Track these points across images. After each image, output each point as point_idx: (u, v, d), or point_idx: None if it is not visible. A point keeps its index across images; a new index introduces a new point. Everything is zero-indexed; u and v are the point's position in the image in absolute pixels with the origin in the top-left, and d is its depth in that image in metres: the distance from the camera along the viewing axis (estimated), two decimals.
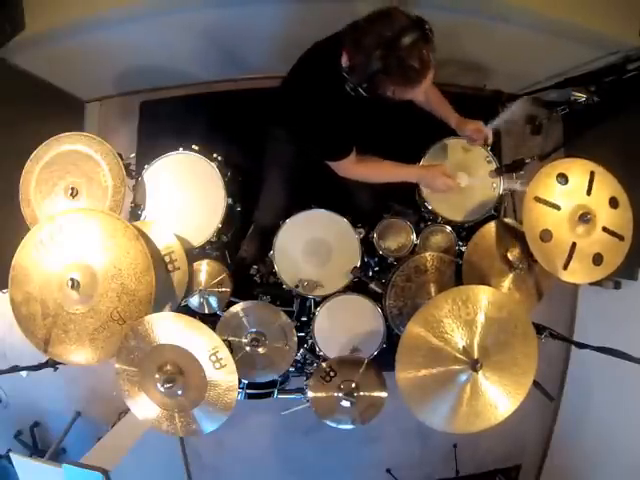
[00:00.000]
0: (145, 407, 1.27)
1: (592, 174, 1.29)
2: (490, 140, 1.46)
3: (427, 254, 1.56)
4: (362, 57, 1.00)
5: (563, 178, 1.27)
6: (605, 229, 1.30)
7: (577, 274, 1.30)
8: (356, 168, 1.41)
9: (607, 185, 1.31)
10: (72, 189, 1.44)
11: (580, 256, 1.28)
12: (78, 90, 2.30)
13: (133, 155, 1.62)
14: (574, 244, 1.28)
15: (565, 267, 1.28)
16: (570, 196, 1.28)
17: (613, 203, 1.31)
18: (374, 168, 1.45)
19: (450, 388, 1.15)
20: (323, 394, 1.49)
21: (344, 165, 1.37)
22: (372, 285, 1.54)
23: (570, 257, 1.28)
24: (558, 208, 1.27)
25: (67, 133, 1.47)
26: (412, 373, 1.15)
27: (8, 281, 1.29)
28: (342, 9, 1.76)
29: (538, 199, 1.26)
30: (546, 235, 1.26)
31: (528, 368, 1.18)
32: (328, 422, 1.52)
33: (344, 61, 1.08)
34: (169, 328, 1.21)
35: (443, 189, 1.45)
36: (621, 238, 1.32)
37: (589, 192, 1.29)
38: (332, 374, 1.49)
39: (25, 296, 1.28)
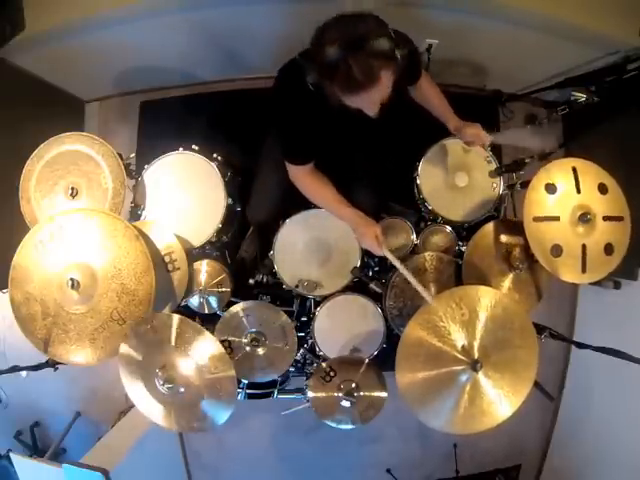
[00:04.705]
0: (147, 405, 1.27)
1: (575, 170, 1.29)
2: (487, 144, 1.44)
3: (426, 254, 1.56)
4: (317, 48, 0.96)
5: (551, 187, 1.27)
6: (605, 218, 1.30)
7: (597, 271, 1.32)
8: (304, 180, 1.38)
9: (591, 174, 1.31)
10: (72, 189, 1.44)
11: (593, 253, 1.30)
12: (78, 90, 2.30)
13: (133, 155, 1.62)
14: (584, 246, 1.29)
15: (584, 270, 1.29)
16: (563, 201, 1.29)
17: (602, 190, 1.31)
18: (319, 191, 1.39)
19: (451, 388, 1.15)
20: (323, 394, 1.50)
21: (295, 171, 1.37)
22: (372, 285, 1.54)
23: (585, 259, 1.29)
24: (557, 219, 1.28)
25: (68, 133, 1.47)
26: (412, 374, 1.15)
27: (8, 281, 1.29)
28: (341, 9, 1.77)
29: (537, 219, 1.27)
30: (556, 250, 1.27)
31: (529, 362, 1.18)
32: (328, 422, 1.52)
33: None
34: (169, 328, 1.21)
35: (365, 247, 1.42)
36: (621, 219, 1.33)
37: (578, 190, 1.29)
38: (332, 374, 1.49)
39: (25, 296, 1.28)
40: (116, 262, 1.26)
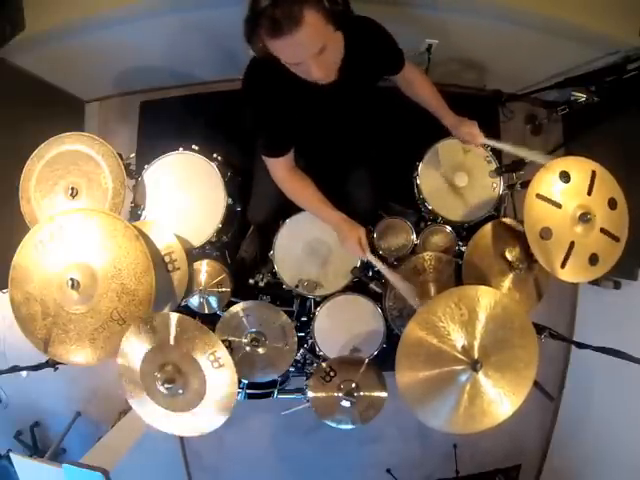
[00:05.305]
0: (147, 407, 1.27)
1: (593, 174, 1.28)
2: (479, 145, 1.43)
3: (425, 254, 1.56)
4: (252, 4, 0.93)
5: (565, 176, 1.26)
6: (603, 230, 1.29)
7: (574, 273, 1.30)
8: (283, 175, 1.33)
9: (607, 185, 1.31)
10: (72, 189, 1.44)
11: (577, 255, 1.28)
12: (78, 90, 2.30)
13: (133, 155, 1.62)
14: (572, 243, 1.28)
15: (563, 265, 1.28)
16: (571, 195, 1.27)
17: (612, 204, 1.31)
18: (300, 190, 1.35)
19: (451, 388, 1.15)
20: (323, 394, 1.50)
21: (274, 165, 1.32)
22: (372, 285, 1.53)
23: (568, 256, 1.28)
24: (559, 206, 1.26)
25: (68, 133, 1.47)
26: (412, 374, 1.15)
27: (8, 281, 1.29)
28: None
29: (540, 196, 1.25)
30: (546, 233, 1.26)
31: (529, 361, 1.17)
32: (328, 422, 1.52)
33: None
34: (169, 328, 1.21)
35: (348, 250, 1.36)
36: (617, 239, 1.32)
37: (590, 192, 1.28)
38: (332, 374, 1.49)
39: (25, 296, 1.28)
40: (116, 262, 1.26)
